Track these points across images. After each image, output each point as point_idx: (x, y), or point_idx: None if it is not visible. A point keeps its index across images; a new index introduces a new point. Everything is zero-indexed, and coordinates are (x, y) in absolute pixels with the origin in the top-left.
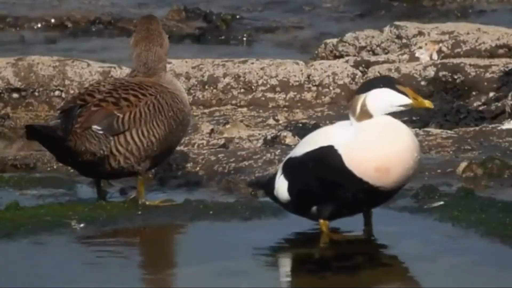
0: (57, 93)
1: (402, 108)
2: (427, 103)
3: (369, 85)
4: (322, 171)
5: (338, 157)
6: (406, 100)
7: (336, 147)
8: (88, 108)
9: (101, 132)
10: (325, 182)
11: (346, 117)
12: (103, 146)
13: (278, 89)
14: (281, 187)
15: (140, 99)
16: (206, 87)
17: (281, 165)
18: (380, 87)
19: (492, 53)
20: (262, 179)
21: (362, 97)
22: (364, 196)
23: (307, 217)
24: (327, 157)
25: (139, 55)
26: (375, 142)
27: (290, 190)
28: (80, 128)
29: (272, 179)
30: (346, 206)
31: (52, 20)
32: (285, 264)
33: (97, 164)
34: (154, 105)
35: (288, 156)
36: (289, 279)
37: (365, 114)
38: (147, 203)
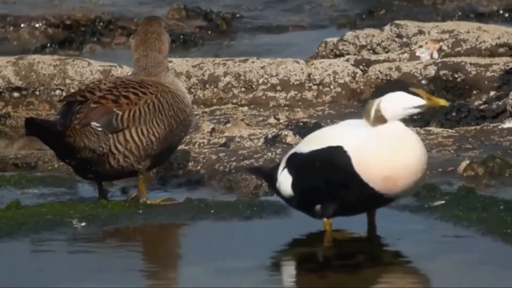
0: (57, 92)
1: (417, 110)
2: (442, 102)
3: (382, 90)
4: (329, 171)
5: (347, 158)
6: (420, 101)
7: (345, 148)
8: (88, 105)
9: (100, 129)
10: (330, 182)
11: (347, 116)
12: (102, 143)
13: (278, 88)
14: (284, 181)
15: (140, 97)
16: (207, 86)
17: (284, 158)
18: (393, 91)
19: (492, 52)
20: (263, 168)
21: (376, 102)
22: (367, 199)
23: (309, 214)
24: (336, 157)
25: (138, 60)
26: (388, 151)
27: (294, 186)
28: (79, 124)
29: (274, 170)
30: (350, 206)
31: (53, 19)
32: (287, 263)
33: (96, 163)
34: (154, 104)
35: (293, 151)
36: (290, 278)
37: (380, 119)
38: (148, 202)
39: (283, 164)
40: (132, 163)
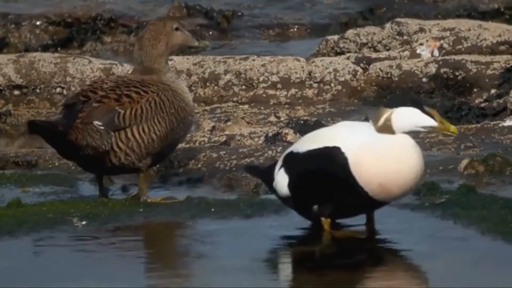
0: (58, 90)
1: (425, 130)
2: (452, 128)
3: (397, 101)
4: (324, 171)
5: (344, 160)
6: (432, 122)
7: (343, 149)
8: (90, 104)
9: (102, 127)
10: (325, 182)
11: (348, 114)
12: (104, 141)
13: (279, 86)
14: (281, 181)
15: (142, 96)
16: (208, 84)
17: (281, 157)
18: (408, 105)
19: (493, 50)
20: (260, 167)
21: (388, 111)
22: (361, 202)
23: (305, 215)
24: (333, 157)
25: (135, 53)
26: (388, 160)
27: (290, 186)
28: (81, 123)
29: (271, 169)
30: (346, 208)
31: (53, 17)
32: (286, 261)
33: (98, 160)
34: (155, 102)
35: (289, 150)
36: (290, 277)
37: (387, 129)
38: (148, 200)
39: (279, 163)
40: (133, 160)
